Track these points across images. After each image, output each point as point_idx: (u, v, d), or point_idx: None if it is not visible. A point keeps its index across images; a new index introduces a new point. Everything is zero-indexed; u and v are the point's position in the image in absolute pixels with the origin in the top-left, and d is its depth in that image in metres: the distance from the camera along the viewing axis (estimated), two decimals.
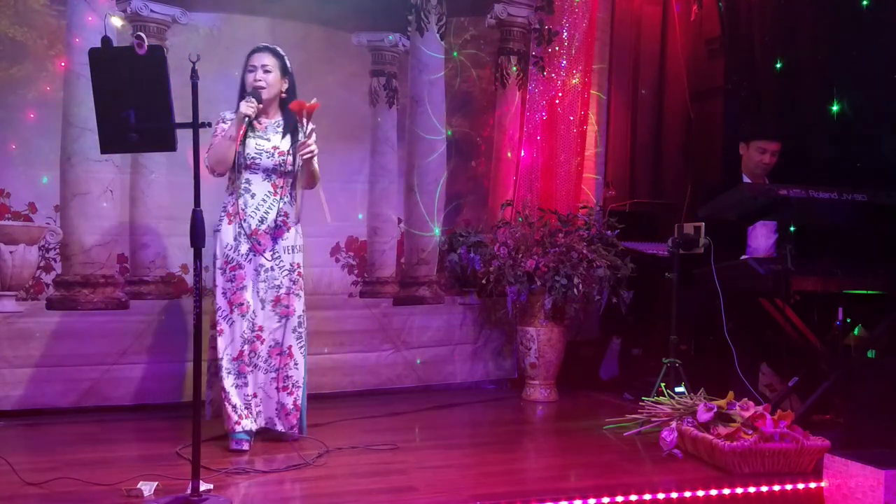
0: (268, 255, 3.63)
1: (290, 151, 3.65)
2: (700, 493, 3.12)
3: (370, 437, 3.85)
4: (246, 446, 3.59)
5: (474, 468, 3.51)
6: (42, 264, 4.20)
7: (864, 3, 4.64)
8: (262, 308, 3.64)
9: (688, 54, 5.90)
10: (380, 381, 4.92)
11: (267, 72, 3.63)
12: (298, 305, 3.69)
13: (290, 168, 3.67)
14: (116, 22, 4.24)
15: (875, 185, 3.96)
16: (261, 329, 3.64)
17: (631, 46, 6.01)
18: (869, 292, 3.89)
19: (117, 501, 2.91)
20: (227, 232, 3.62)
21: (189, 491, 2.85)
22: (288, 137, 3.67)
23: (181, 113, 2.91)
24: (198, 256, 2.89)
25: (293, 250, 3.69)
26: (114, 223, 4.34)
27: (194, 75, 2.87)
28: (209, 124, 2.91)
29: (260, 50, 3.68)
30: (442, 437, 4.05)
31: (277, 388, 3.66)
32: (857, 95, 4.64)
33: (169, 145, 2.97)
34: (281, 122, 3.70)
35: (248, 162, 3.61)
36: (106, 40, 2.90)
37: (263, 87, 3.60)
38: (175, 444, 3.55)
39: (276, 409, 3.67)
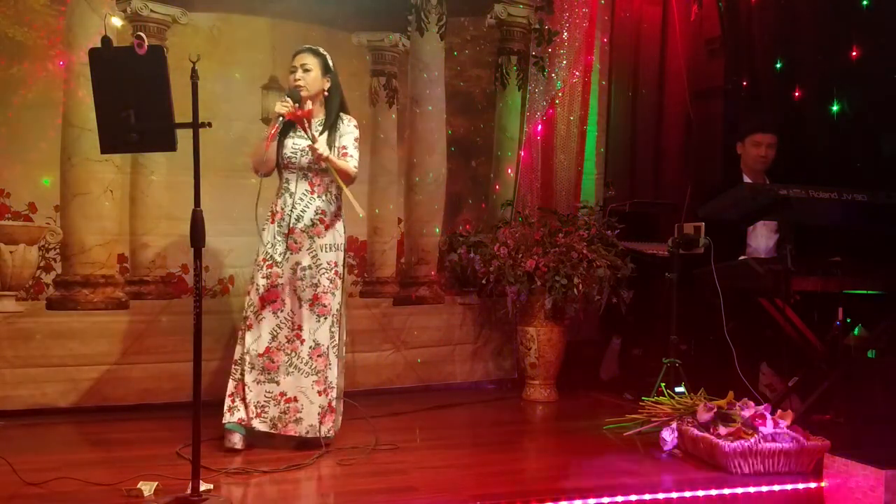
0: (304, 252, 3.64)
1: (326, 149, 3.64)
2: (700, 493, 3.13)
3: (370, 437, 3.84)
4: (239, 444, 3.57)
5: (474, 468, 3.51)
6: (42, 264, 4.20)
7: (864, 3, 4.64)
8: (300, 307, 3.63)
9: (688, 54, 5.89)
10: (380, 380, 4.92)
11: (307, 71, 3.65)
12: (335, 304, 3.67)
13: (325, 166, 3.66)
14: (116, 22, 4.24)
15: (875, 185, 3.96)
16: (300, 328, 3.62)
17: (631, 46, 6.01)
18: (869, 292, 3.89)
19: (117, 501, 2.91)
20: (269, 231, 3.66)
21: (189, 491, 2.85)
22: (325, 135, 3.68)
23: (181, 113, 2.91)
24: (198, 256, 2.89)
25: (331, 248, 3.69)
26: (114, 223, 4.34)
27: (194, 75, 2.87)
28: (209, 124, 2.90)
29: (301, 51, 3.71)
30: (442, 437, 4.05)
31: (318, 392, 3.62)
32: (857, 95, 4.63)
33: (169, 145, 2.97)
34: (322, 121, 3.73)
35: (286, 161, 3.66)
36: (106, 40, 2.90)
37: (302, 86, 3.62)
38: (175, 444, 3.55)
39: (318, 414, 3.62)
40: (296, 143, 3.65)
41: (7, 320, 4.11)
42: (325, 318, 3.65)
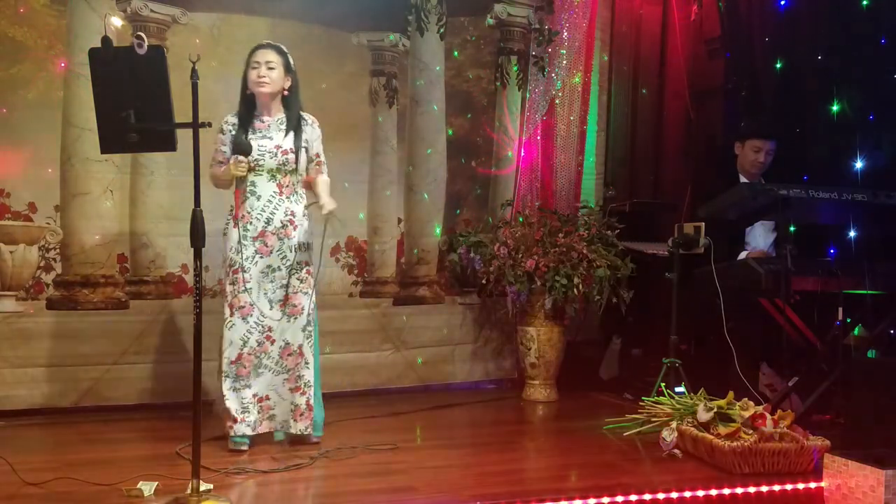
0: (275, 255, 3.61)
1: (294, 149, 3.64)
2: (700, 493, 3.12)
3: (370, 437, 3.85)
4: (244, 447, 3.58)
5: (474, 468, 3.51)
6: (42, 264, 4.20)
7: (864, 2, 4.64)
8: (271, 308, 3.61)
9: (688, 54, 5.90)
10: (380, 381, 4.92)
11: (270, 68, 3.60)
12: (307, 304, 3.66)
13: (294, 166, 3.65)
14: (116, 22, 4.24)
15: (875, 185, 3.96)
16: (270, 329, 3.61)
17: (631, 46, 6.00)
18: (869, 292, 3.89)
19: (117, 501, 2.91)
20: (233, 235, 3.60)
21: (189, 491, 2.85)
22: (291, 135, 3.65)
23: (181, 113, 2.91)
24: (198, 256, 2.89)
25: (301, 248, 3.66)
26: (114, 223, 4.34)
27: (194, 75, 2.87)
28: (209, 124, 2.90)
29: (263, 47, 3.66)
30: (442, 437, 4.05)
31: (291, 389, 3.64)
32: (857, 95, 4.63)
33: (169, 145, 2.97)
34: (283, 120, 3.68)
35: (252, 164, 3.58)
36: (106, 40, 2.90)
37: (266, 83, 3.59)
38: (175, 444, 3.54)
39: (291, 411, 3.64)
40: (262, 145, 3.59)
41: (7, 320, 4.11)
42: (296, 318, 3.64)
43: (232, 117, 3.67)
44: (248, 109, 3.66)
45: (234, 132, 3.63)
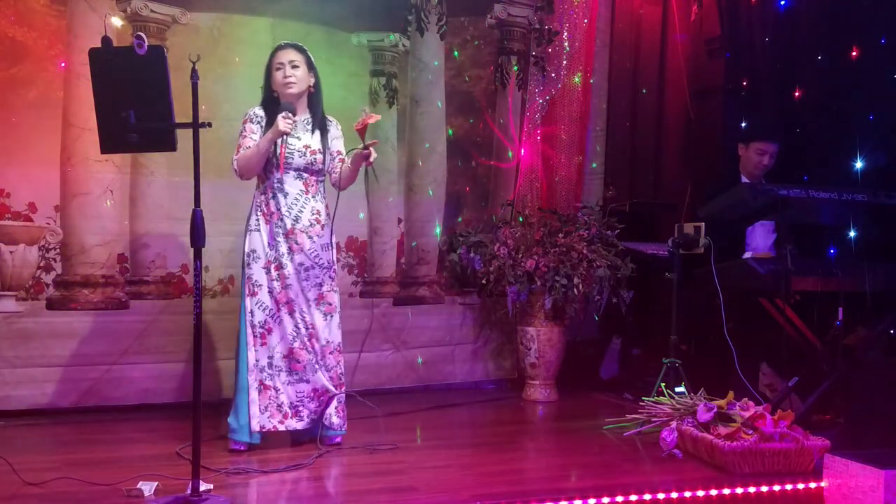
0: (308, 253, 3.64)
1: (322, 149, 3.67)
2: (700, 493, 3.12)
3: (370, 437, 3.85)
4: (242, 447, 3.58)
5: (474, 468, 3.51)
6: (42, 264, 4.20)
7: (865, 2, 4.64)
8: (310, 307, 3.64)
9: (688, 54, 5.90)
10: (380, 380, 4.92)
11: (295, 67, 3.62)
12: (338, 302, 3.72)
13: (321, 166, 3.68)
14: (116, 22, 4.24)
15: (875, 185, 3.95)
16: (313, 327, 3.64)
17: (631, 46, 6.01)
18: (869, 292, 3.89)
19: (117, 501, 2.91)
20: (266, 231, 3.62)
21: (189, 491, 2.85)
22: (318, 134, 3.68)
23: (181, 113, 2.91)
24: (198, 256, 2.89)
25: (328, 247, 3.70)
26: (114, 223, 4.34)
27: (194, 75, 2.87)
28: (209, 124, 2.90)
29: (284, 47, 3.67)
30: (442, 437, 4.05)
31: (335, 386, 3.68)
32: (857, 96, 4.64)
33: (169, 145, 2.97)
34: (310, 120, 3.70)
35: (283, 162, 3.61)
36: (106, 40, 2.90)
37: (294, 83, 3.60)
38: (175, 444, 3.55)
39: (337, 408, 3.69)
40: (291, 144, 3.61)
41: (7, 320, 4.11)
42: (332, 316, 3.69)
43: (259, 110, 3.68)
44: (274, 112, 3.62)
45: (262, 125, 3.63)
